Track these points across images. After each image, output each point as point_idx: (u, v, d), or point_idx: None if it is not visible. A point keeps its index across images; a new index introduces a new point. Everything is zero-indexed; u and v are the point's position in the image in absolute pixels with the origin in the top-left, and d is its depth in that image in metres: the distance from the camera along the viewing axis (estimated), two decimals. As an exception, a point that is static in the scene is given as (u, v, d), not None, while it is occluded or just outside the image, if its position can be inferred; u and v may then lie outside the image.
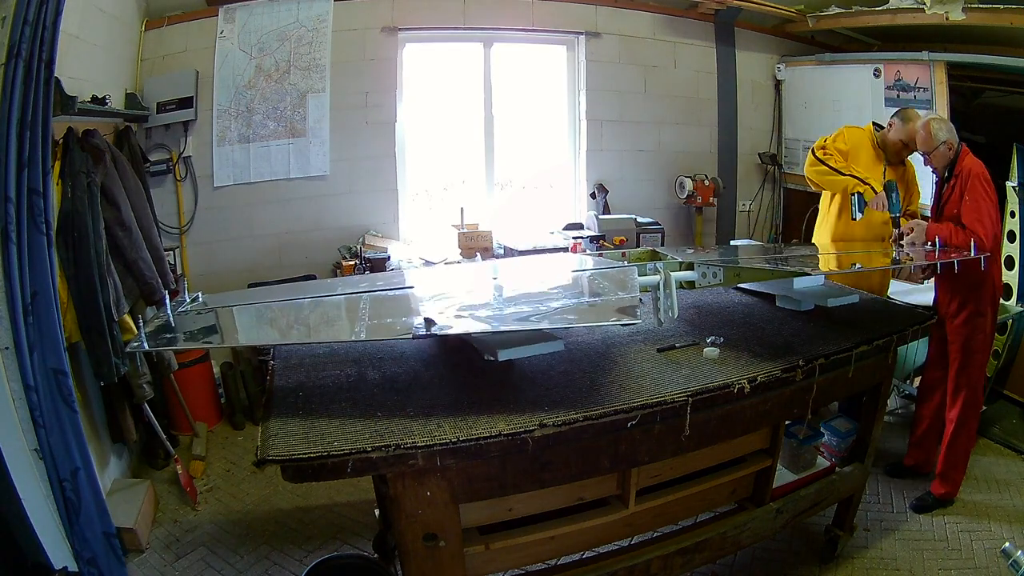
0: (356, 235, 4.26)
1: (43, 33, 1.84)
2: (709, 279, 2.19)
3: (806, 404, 2.00)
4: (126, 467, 3.17)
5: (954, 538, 2.63)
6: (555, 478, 1.68)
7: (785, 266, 2.47)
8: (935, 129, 2.67)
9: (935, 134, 2.66)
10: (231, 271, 4.05)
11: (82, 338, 2.53)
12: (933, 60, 3.88)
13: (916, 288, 3.70)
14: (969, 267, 2.45)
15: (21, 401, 1.78)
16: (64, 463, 1.84)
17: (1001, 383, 3.70)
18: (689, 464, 1.97)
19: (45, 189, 1.86)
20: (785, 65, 5.07)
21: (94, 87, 3.03)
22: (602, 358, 1.92)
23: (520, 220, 4.60)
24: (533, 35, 4.57)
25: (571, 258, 3.09)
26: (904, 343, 2.27)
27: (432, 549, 1.58)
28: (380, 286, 2.17)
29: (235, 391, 3.83)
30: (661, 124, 4.91)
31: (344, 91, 4.13)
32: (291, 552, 2.66)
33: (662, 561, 1.93)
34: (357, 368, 1.87)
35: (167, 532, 2.79)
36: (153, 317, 1.94)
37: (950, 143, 2.67)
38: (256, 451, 1.44)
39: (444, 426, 1.51)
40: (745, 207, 5.23)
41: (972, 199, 2.57)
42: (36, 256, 1.83)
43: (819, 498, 2.32)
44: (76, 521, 1.86)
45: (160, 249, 3.17)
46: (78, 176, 2.51)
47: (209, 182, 4.02)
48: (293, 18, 4.01)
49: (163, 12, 3.83)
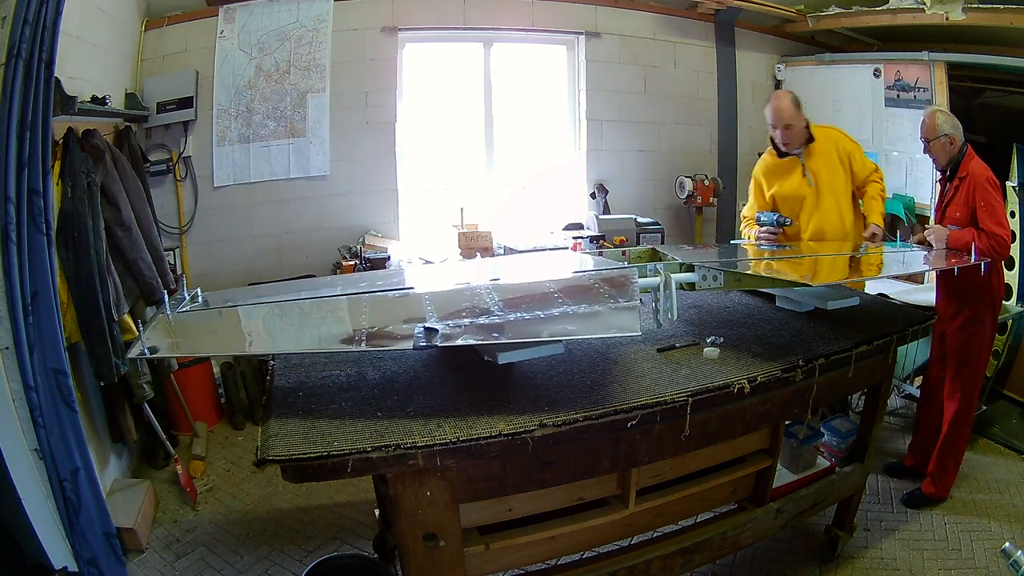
0: (356, 235, 4.26)
1: (43, 33, 1.84)
2: (709, 282, 2.19)
3: (806, 404, 2.00)
4: (126, 467, 3.17)
5: (954, 538, 2.63)
6: (555, 478, 1.68)
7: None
8: (939, 120, 2.67)
9: (938, 125, 2.66)
10: (231, 271, 4.06)
11: (82, 338, 2.53)
12: (933, 60, 3.88)
13: (916, 288, 3.70)
14: (970, 272, 2.45)
15: (21, 401, 1.78)
16: (64, 463, 1.84)
17: (1001, 383, 3.70)
18: (689, 464, 1.97)
19: (45, 189, 1.86)
20: (785, 65, 5.07)
21: (94, 87, 3.03)
22: (602, 358, 1.92)
23: (520, 220, 4.59)
24: (533, 35, 4.58)
25: (571, 257, 3.09)
26: (904, 343, 2.27)
27: (432, 549, 1.58)
28: (380, 285, 2.17)
29: (235, 391, 3.84)
30: (661, 124, 4.91)
31: (344, 91, 4.14)
32: (291, 552, 2.66)
33: (662, 561, 1.93)
34: (357, 368, 1.87)
35: (167, 532, 2.79)
36: (152, 317, 1.93)
37: (952, 137, 2.66)
38: (256, 451, 1.44)
39: (444, 426, 1.51)
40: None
41: (987, 203, 2.57)
42: (36, 256, 1.83)
43: (819, 498, 2.31)
44: (76, 521, 1.87)
45: (160, 249, 3.17)
46: (78, 176, 2.51)
47: (209, 182, 4.02)
48: (293, 18, 4.01)
49: (163, 12, 3.83)
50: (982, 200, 2.58)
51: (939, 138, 2.66)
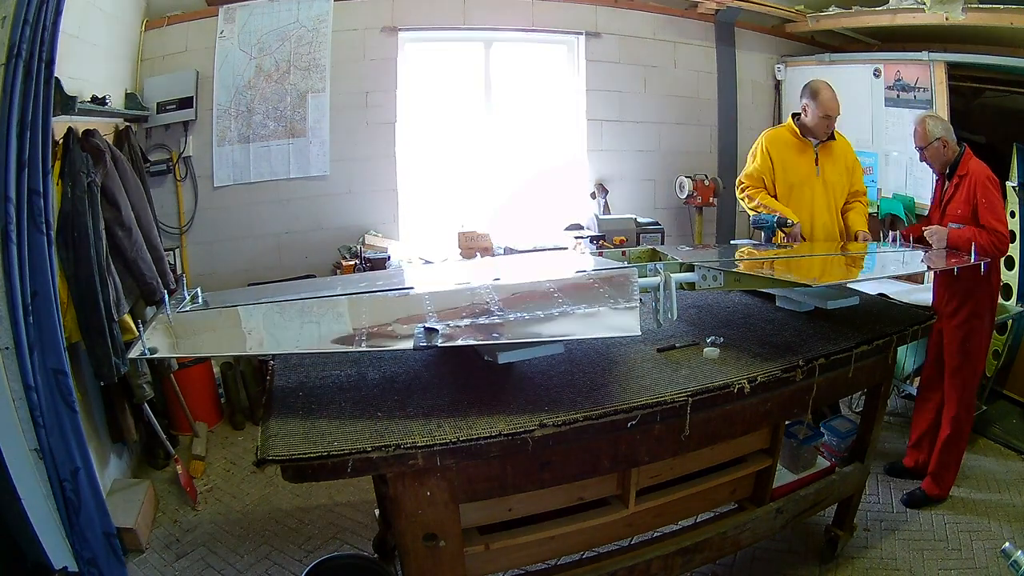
0: (356, 235, 4.26)
1: (43, 33, 1.84)
2: (709, 282, 2.19)
3: (806, 404, 2.00)
4: (126, 467, 3.17)
5: (954, 538, 2.63)
6: (555, 478, 1.68)
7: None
8: (930, 126, 2.72)
9: (930, 130, 2.71)
10: (231, 271, 4.06)
11: (82, 338, 2.53)
12: (933, 60, 3.89)
13: (916, 288, 3.70)
14: (970, 269, 2.46)
15: (21, 401, 1.78)
16: (64, 463, 1.84)
17: (1001, 383, 3.70)
18: (689, 464, 1.98)
19: (45, 189, 1.86)
20: (785, 65, 5.07)
21: (94, 87, 3.03)
22: (602, 358, 1.92)
23: (520, 220, 4.59)
24: (533, 35, 4.57)
25: (571, 257, 3.09)
26: (904, 343, 2.27)
27: (432, 549, 1.58)
28: (380, 285, 2.17)
29: (235, 391, 3.84)
30: (661, 124, 4.90)
31: (344, 91, 4.14)
32: (291, 552, 2.66)
33: (662, 561, 1.93)
34: (357, 368, 1.87)
35: (167, 532, 2.79)
36: (153, 317, 1.93)
37: (944, 140, 2.70)
38: (256, 451, 1.44)
39: (444, 426, 1.51)
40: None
41: (988, 201, 2.60)
42: (36, 256, 1.84)
43: (819, 498, 2.32)
44: (76, 521, 1.87)
45: (160, 249, 3.17)
46: (78, 176, 2.51)
47: (209, 182, 4.02)
48: (293, 18, 4.01)
49: (163, 12, 3.83)
50: (984, 197, 2.60)
51: (932, 143, 2.71)
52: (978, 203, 2.60)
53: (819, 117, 2.93)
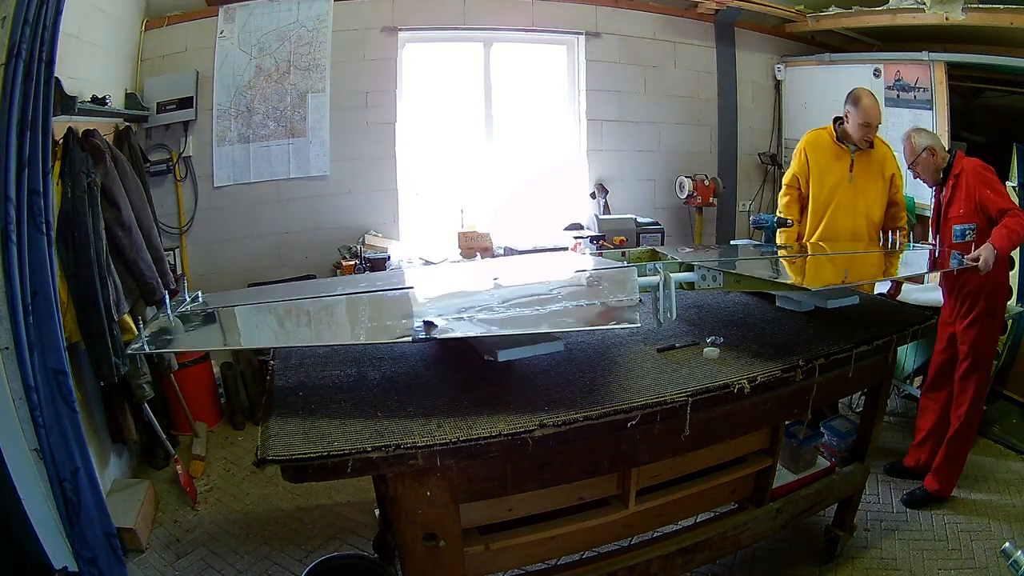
0: (356, 235, 4.26)
1: (43, 33, 1.84)
2: (709, 283, 2.19)
3: (806, 404, 2.00)
4: (126, 467, 3.17)
5: (954, 538, 2.63)
6: (555, 478, 1.68)
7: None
8: (915, 140, 2.75)
9: (916, 144, 2.74)
10: (231, 271, 4.05)
11: (82, 338, 2.53)
12: (933, 60, 3.88)
13: (917, 288, 3.70)
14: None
15: (21, 401, 1.78)
16: (64, 463, 1.85)
17: (1001, 383, 3.70)
18: (689, 464, 1.97)
19: (45, 189, 1.86)
20: (785, 65, 5.07)
21: (94, 87, 3.03)
22: (602, 358, 1.92)
23: (520, 220, 4.59)
24: (533, 35, 4.57)
25: (571, 257, 3.09)
26: (904, 343, 2.27)
27: (432, 549, 1.58)
28: (380, 286, 2.17)
29: (235, 391, 3.83)
30: (661, 124, 4.90)
31: (344, 91, 4.14)
32: (291, 552, 2.66)
33: (662, 561, 1.93)
34: (357, 368, 1.87)
35: (167, 532, 2.79)
36: (153, 317, 1.93)
37: (932, 149, 2.71)
38: (256, 451, 1.44)
39: (444, 426, 1.51)
40: (745, 207, 5.23)
41: (993, 190, 2.61)
42: (36, 256, 1.84)
43: (819, 498, 2.32)
44: (76, 521, 1.87)
45: (160, 249, 3.17)
46: (78, 176, 2.51)
47: (209, 182, 4.02)
48: (293, 18, 4.01)
49: (163, 12, 3.83)
50: (985, 188, 2.60)
51: (920, 155, 2.73)
52: (982, 196, 2.60)
53: (859, 124, 2.94)
